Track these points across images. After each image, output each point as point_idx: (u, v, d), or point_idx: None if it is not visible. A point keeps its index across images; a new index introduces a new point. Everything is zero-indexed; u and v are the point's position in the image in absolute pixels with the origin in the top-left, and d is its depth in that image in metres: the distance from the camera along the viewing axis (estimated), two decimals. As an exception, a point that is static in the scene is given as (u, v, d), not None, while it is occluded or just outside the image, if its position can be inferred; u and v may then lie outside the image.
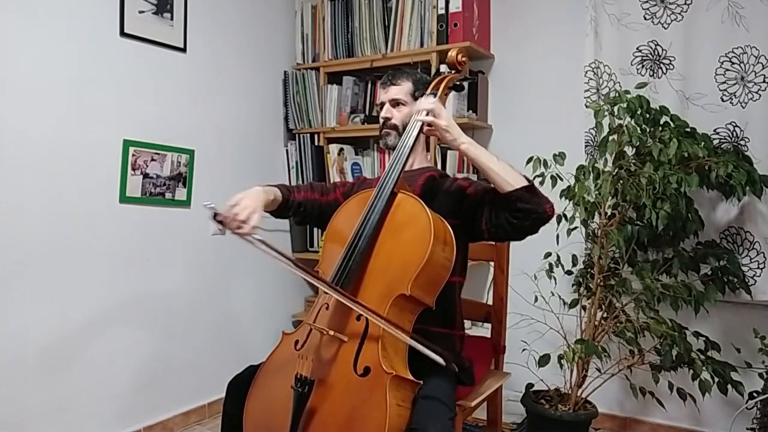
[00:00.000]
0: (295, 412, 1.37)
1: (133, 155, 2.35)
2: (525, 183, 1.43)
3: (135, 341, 2.42)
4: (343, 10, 2.97)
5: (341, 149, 2.99)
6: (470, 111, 2.67)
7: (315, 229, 3.05)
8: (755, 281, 2.25)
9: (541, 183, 2.23)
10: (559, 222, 2.24)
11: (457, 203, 1.57)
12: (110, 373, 2.33)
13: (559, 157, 2.21)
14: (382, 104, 1.71)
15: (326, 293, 1.50)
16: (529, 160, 2.25)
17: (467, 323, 2.33)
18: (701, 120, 2.27)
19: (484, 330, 2.22)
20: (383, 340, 1.37)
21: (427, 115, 1.48)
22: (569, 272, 2.39)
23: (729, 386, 2.09)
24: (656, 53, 2.42)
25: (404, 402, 1.34)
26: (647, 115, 2.16)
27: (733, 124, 2.28)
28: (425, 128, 1.51)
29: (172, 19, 2.49)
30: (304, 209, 1.74)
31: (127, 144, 2.33)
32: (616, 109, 2.14)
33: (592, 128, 2.39)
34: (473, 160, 1.45)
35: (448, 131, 1.45)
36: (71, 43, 2.15)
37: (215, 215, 1.40)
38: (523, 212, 1.43)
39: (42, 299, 2.10)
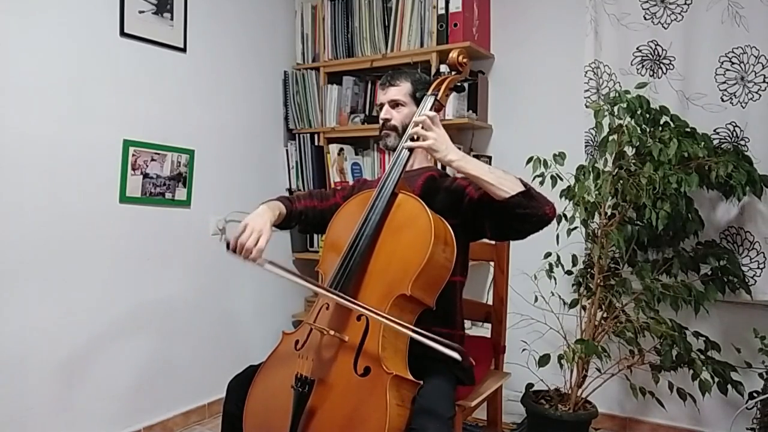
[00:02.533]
0: (295, 411, 1.37)
1: (133, 155, 2.36)
2: (521, 188, 1.41)
3: (135, 341, 2.42)
4: (343, 10, 2.97)
5: (341, 149, 2.99)
6: (470, 111, 2.67)
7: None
8: (755, 281, 2.26)
9: (541, 183, 2.23)
10: (559, 222, 2.24)
11: (457, 202, 1.57)
12: (110, 373, 2.33)
13: (559, 157, 2.21)
14: (382, 105, 1.71)
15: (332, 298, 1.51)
16: (529, 160, 2.25)
17: (467, 323, 2.33)
18: (701, 120, 2.27)
19: (484, 330, 2.22)
20: (383, 341, 1.37)
21: (413, 139, 1.47)
22: (569, 272, 2.39)
23: (729, 386, 2.10)
24: (656, 53, 2.42)
25: (404, 402, 1.35)
26: (647, 115, 2.16)
27: (733, 124, 2.28)
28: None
29: (172, 19, 2.49)
30: (305, 217, 1.76)
31: (127, 144, 2.33)
32: (616, 109, 2.14)
33: (592, 128, 2.39)
34: (465, 173, 1.43)
35: (434, 149, 1.43)
36: (71, 43, 2.15)
37: (227, 246, 1.50)
38: (523, 216, 1.42)
39: (42, 299, 2.10)
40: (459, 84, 1.71)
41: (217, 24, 2.71)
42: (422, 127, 1.45)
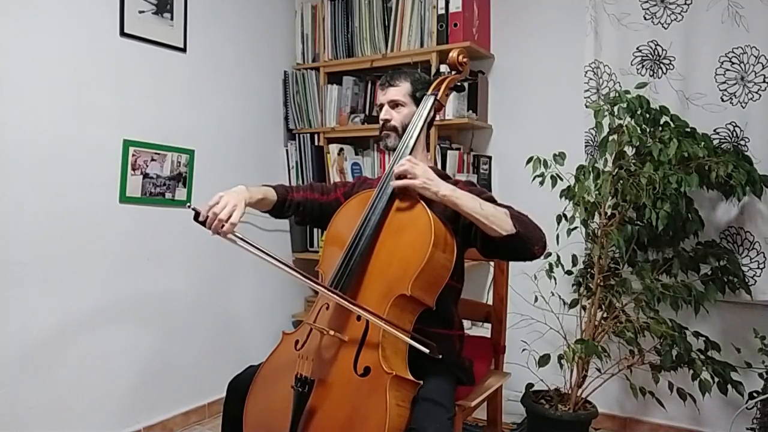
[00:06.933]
0: (295, 412, 1.37)
1: (133, 155, 2.35)
2: (512, 230, 1.40)
3: (135, 341, 2.42)
4: (343, 10, 2.97)
5: (341, 149, 2.99)
6: (470, 111, 2.67)
7: (315, 229, 3.05)
8: (755, 281, 2.26)
9: (541, 183, 2.23)
10: (559, 222, 2.24)
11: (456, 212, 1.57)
12: (110, 373, 2.33)
13: (559, 157, 2.21)
14: (382, 105, 1.70)
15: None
16: (529, 160, 2.25)
17: (467, 323, 2.34)
18: (701, 120, 2.27)
19: (484, 330, 2.22)
20: (383, 341, 1.37)
21: (399, 178, 1.45)
22: (569, 272, 2.39)
23: (729, 386, 2.10)
24: (656, 53, 2.42)
25: (404, 402, 1.35)
26: (647, 115, 2.16)
27: (733, 124, 2.28)
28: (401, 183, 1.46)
29: (172, 19, 2.49)
30: (303, 209, 1.74)
31: (127, 144, 2.33)
32: (616, 109, 2.14)
33: (592, 128, 2.39)
34: (456, 208, 1.42)
35: (425, 188, 1.42)
36: (71, 43, 2.15)
37: (196, 216, 1.41)
38: (510, 254, 1.50)
39: (42, 299, 2.10)
40: (459, 84, 1.72)
41: (217, 24, 2.71)
42: (407, 174, 1.43)
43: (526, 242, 1.43)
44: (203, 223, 1.42)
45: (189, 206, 1.42)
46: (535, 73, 2.73)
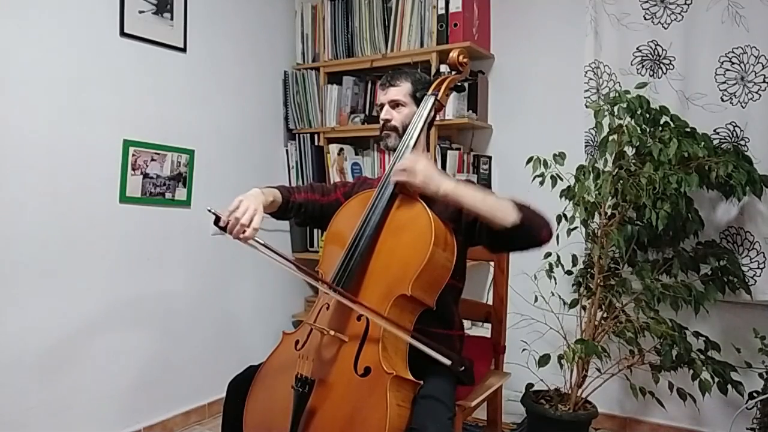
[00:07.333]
0: (295, 412, 1.37)
1: (133, 155, 2.35)
2: (516, 219, 1.39)
3: (135, 341, 2.42)
4: (343, 10, 2.97)
5: (341, 149, 2.99)
6: (470, 111, 2.67)
7: (315, 229, 3.05)
8: (755, 281, 2.26)
9: (541, 183, 2.23)
10: (559, 222, 2.24)
11: (457, 210, 1.57)
12: (110, 373, 2.33)
13: (559, 157, 2.21)
14: (382, 105, 1.70)
15: (327, 293, 1.51)
16: (529, 160, 2.25)
17: (467, 323, 2.34)
18: (701, 120, 2.27)
19: (484, 330, 2.22)
20: (383, 341, 1.37)
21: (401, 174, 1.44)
22: (569, 272, 2.39)
23: (729, 386, 2.10)
24: (656, 53, 2.42)
25: (404, 402, 1.35)
26: (647, 115, 2.16)
27: (733, 124, 2.28)
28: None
29: (172, 19, 2.49)
30: (305, 210, 1.74)
31: (127, 144, 2.33)
32: (616, 109, 2.14)
33: (592, 128, 2.39)
34: (459, 204, 1.42)
35: (426, 185, 1.42)
36: (71, 43, 2.15)
37: (216, 220, 1.42)
38: (518, 244, 1.47)
39: (42, 299, 2.10)
40: (459, 84, 1.71)
41: (217, 24, 2.71)
42: (406, 174, 1.43)
43: (532, 229, 1.42)
44: (224, 228, 1.42)
45: (210, 210, 1.42)
46: (535, 73, 2.73)
